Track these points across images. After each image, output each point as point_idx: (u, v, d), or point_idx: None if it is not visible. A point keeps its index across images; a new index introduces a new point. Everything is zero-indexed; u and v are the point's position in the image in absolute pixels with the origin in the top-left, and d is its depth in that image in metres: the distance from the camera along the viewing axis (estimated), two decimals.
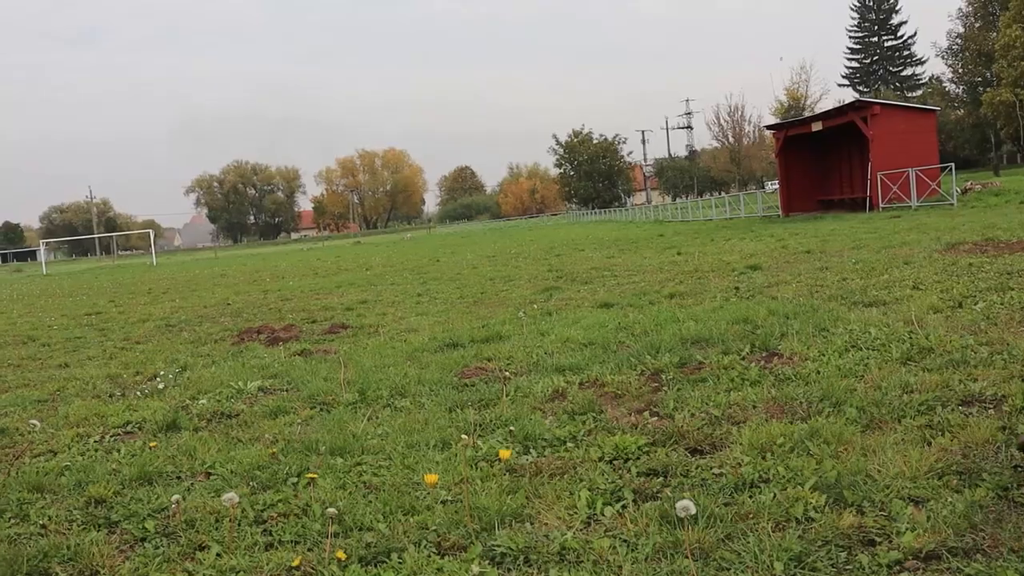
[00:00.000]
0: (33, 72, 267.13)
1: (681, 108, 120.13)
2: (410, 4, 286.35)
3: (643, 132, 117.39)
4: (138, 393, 5.85)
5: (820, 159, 29.63)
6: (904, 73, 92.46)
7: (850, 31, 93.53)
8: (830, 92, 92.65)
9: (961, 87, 74.16)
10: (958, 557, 2.31)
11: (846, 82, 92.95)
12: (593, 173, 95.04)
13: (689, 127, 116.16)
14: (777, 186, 36.34)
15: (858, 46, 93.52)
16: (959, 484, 2.74)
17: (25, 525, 3.26)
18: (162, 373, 6.55)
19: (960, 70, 72.92)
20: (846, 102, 32.73)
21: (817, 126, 27.42)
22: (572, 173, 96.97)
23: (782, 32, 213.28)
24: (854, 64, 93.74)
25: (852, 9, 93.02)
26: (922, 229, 14.20)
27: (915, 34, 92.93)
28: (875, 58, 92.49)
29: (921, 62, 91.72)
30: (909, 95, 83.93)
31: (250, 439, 4.27)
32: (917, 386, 3.90)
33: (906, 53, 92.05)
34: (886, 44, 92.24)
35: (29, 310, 16.20)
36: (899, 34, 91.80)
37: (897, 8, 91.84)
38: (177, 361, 7.21)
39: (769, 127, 39.11)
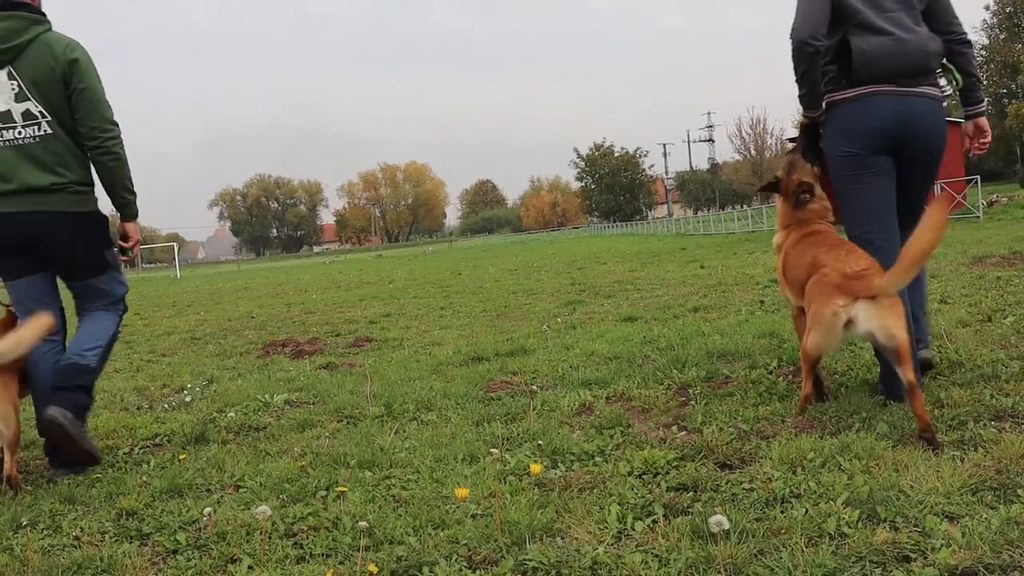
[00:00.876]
0: None
1: (703, 121, 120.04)
2: (429, 18, 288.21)
3: (664, 145, 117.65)
4: (166, 406, 5.89)
5: None
6: None
7: None
8: None
9: (986, 99, 73.66)
10: (995, 574, 2.29)
11: None
12: (614, 186, 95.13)
13: (711, 140, 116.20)
14: None
15: None
16: (994, 500, 2.72)
17: (58, 536, 3.29)
18: (189, 386, 6.60)
19: (985, 82, 72.46)
20: None
21: None
22: (593, 186, 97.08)
23: None
24: None
25: None
26: (948, 242, 14.10)
27: None
28: None
29: None
30: None
31: (278, 452, 4.29)
32: (948, 401, 3.87)
33: None
34: None
35: None
36: None
37: None
38: (204, 374, 7.26)
39: (792, 140, 39.01)
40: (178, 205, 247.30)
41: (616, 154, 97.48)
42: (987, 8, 70.34)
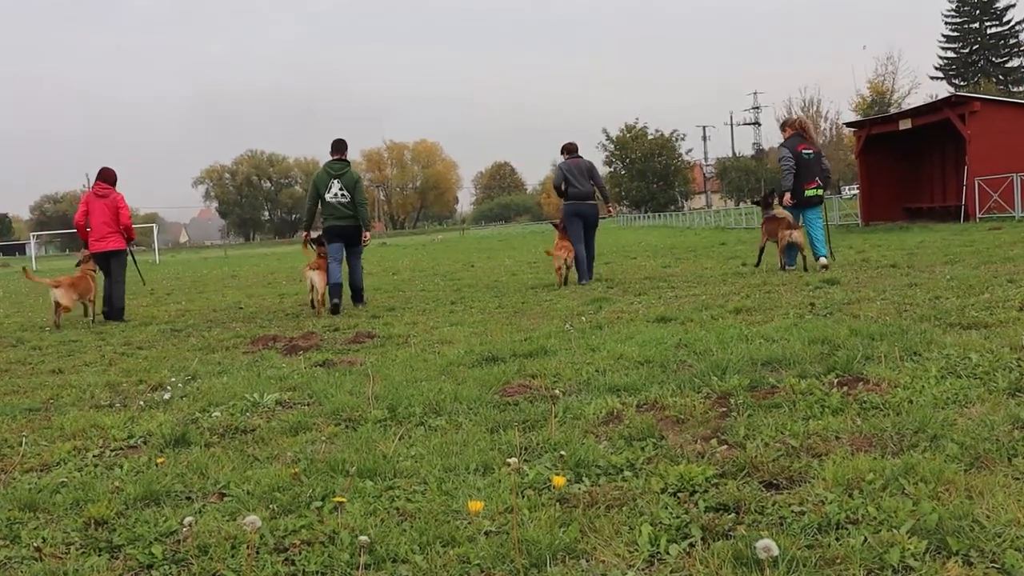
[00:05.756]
0: (35, 55, 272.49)
1: (747, 102, 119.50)
2: None
3: (704, 128, 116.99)
4: (141, 403, 5.90)
5: (907, 162, 29.25)
6: (1009, 65, 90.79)
7: (946, 16, 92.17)
8: (921, 86, 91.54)
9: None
10: None
11: (940, 75, 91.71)
12: (647, 172, 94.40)
13: (756, 123, 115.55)
14: (856, 191, 35.99)
15: (955, 34, 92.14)
16: None
17: (16, 547, 3.28)
18: (169, 382, 6.62)
19: None
20: (940, 97, 32.27)
21: (905, 124, 27.05)
22: (623, 172, 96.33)
23: (866, 18, 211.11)
24: (950, 54, 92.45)
25: None
26: None
27: None
28: (975, 47, 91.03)
29: None
30: (1014, 90, 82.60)
31: (268, 457, 4.29)
32: None
33: (1012, 42, 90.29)
34: (988, 31, 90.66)
35: (18, 309, 16.45)
36: (1005, 19, 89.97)
37: None
38: (185, 369, 7.28)
39: (849, 124, 38.76)
40: (159, 182, 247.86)
41: (650, 137, 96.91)
42: None
